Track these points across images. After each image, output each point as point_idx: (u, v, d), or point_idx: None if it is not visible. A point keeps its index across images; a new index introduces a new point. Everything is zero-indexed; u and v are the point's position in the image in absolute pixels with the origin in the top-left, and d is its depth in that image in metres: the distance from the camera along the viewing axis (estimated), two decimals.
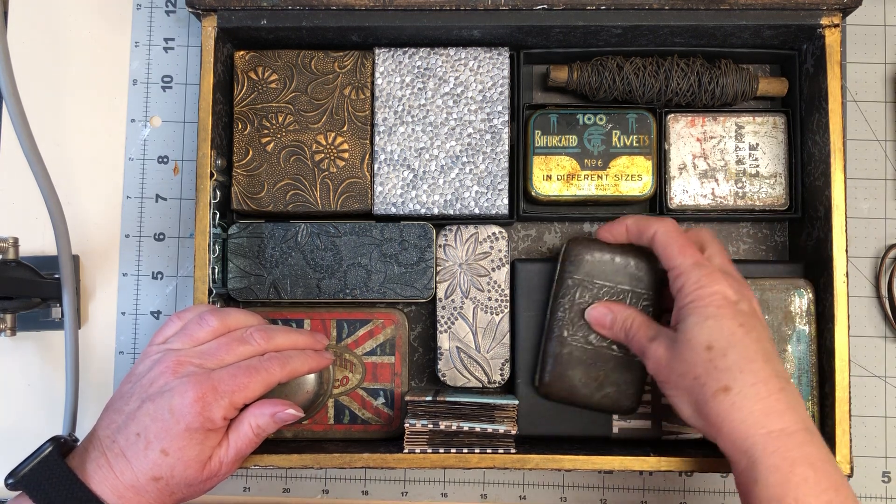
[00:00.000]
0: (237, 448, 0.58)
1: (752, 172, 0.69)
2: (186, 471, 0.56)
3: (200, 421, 0.55)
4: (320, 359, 0.62)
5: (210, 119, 0.64)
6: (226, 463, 0.58)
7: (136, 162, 0.74)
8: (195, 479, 0.57)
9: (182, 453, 0.55)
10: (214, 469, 0.57)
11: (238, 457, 0.58)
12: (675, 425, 0.67)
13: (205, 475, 0.57)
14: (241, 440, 0.58)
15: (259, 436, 0.58)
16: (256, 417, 0.58)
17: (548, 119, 0.68)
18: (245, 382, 0.57)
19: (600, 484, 0.71)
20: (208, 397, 0.55)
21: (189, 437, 0.55)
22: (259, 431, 0.58)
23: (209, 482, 0.58)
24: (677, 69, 0.68)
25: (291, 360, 0.60)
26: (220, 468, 0.57)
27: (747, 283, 0.59)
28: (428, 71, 0.68)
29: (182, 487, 0.57)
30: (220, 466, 0.57)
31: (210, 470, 0.57)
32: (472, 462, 0.62)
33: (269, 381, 0.58)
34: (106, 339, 0.73)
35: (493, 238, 0.68)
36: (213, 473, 0.57)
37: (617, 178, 0.68)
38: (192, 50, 0.74)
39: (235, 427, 0.58)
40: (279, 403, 0.59)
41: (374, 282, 0.67)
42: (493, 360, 0.68)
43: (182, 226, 0.73)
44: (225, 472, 0.58)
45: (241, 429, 0.58)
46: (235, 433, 0.58)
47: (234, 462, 0.58)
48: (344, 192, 0.67)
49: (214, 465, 0.57)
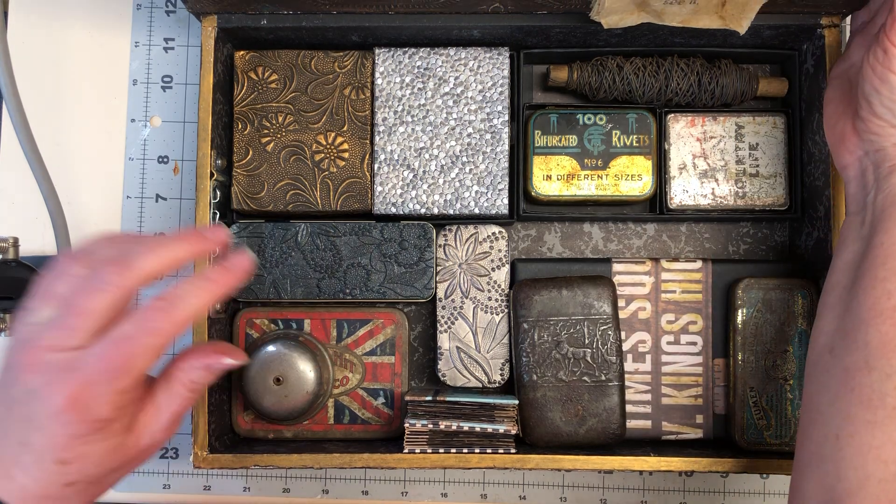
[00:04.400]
0: (171, 412, 0.49)
1: (752, 172, 0.69)
2: (102, 465, 0.46)
3: (85, 426, 0.45)
4: (221, 277, 0.49)
5: (210, 119, 0.64)
6: (160, 430, 0.49)
7: (136, 162, 0.74)
8: (121, 464, 0.48)
9: (85, 458, 0.46)
10: (146, 443, 0.48)
11: (175, 419, 0.49)
12: (675, 425, 0.67)
13: (133, 453, 0.48)
14: (174, 401, 0.49)
15: (196, 391, 0.50)
16: (187, 373, 0.49)
17: (548, 119, 0.68)
18: (124, 361, 0.44)
19: (600, 484, 0.71)
20: (83, 397, 0.44)
21: (83, 441, 0.45)
22: (194, 387, 0.49)
23: (144, 455, 0.49)
24: (677, 69, 0.68)
25: (180, 303, 0.47)
26: (154, 438, 0.48)
27: None
28: (428, 71, 0.68)
29: (109, 475, 0.48)
30: (154, 437, 0.48)
31: (139, 446, 0.48)
32: (472, 462, 0.62)
33: (159, 343, 0.45)
34: None
35: (493, 238, 0.68)
36: (146, 447, 0.48)
37: (617, 177, 0.68)
38: (192, 50, 0.74)
39: (165, 387, 0.49)
40: (213, 352, 0.50)
41: (374, 282, 0.67)
42: (493, 360, 0.68)
43: (182, 226, 0.73)
44: (162, 439, 0.49)
45: (173, 389, 0.49)
46: (166, 394, 0.48)
47: (170, 427, 0.49)
48: (344, 192, 0.67)
49: (145, 440, 0.48)
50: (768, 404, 0.65)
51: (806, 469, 0.52)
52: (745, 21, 0.59)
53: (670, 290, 0.68)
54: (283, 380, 0.64)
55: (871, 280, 0.52)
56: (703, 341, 0.68)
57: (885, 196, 0.54)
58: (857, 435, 0.50)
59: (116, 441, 0.46)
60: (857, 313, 0.52)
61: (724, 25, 0.60)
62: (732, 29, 0.60)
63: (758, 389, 0.65)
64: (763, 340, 0.65)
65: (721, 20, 0.60)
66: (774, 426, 0.65)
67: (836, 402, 0.51)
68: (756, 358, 0.65)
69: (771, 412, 0.65)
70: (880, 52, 0.53)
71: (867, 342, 0.51)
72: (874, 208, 0.55)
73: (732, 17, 0.59)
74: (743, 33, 0.59)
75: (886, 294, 0.51)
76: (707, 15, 0.59)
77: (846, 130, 0.57)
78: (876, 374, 0.50)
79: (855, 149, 0.57)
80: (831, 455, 0.50)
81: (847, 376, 0.51)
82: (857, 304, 0.52)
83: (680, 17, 0.59)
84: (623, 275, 0.68)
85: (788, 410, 0.65)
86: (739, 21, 0.59)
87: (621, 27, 0.60)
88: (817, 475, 0.51)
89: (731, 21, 0.59)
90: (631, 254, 0.72)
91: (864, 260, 0.53)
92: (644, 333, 0.68)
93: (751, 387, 0.65)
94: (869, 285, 0.52)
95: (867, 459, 0.49)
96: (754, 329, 0.66)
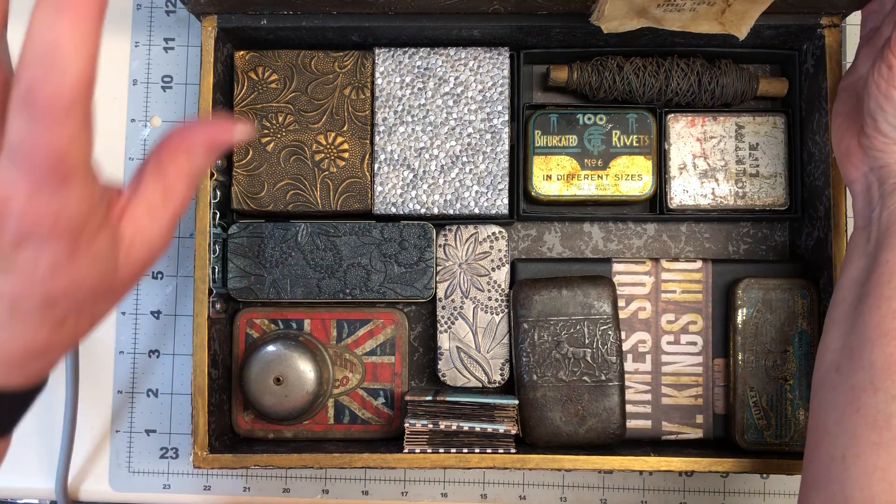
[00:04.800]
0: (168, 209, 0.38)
1: (752, 172, 0.69)
2: (95, 292, 0.37)
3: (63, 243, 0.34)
4: None
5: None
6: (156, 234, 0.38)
7: (136, 162, 0.74)
8: (117, 285, 0.38)
9: (76, 289, 0.36)
10: (140, 253, 0.38)
11: (172, 219, 0.38)
12: (675, 425, 0.67)
13: (127, 271, 0.38)
14: (171, 197, 0.38)
15: (196, 180, 0.39)
16: (185, 158, 0.38)
17: (548, 119, 0.68)
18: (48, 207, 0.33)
19: (600, 484, 0.71)
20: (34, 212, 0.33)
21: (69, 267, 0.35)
22: (193, 176, 0.38)
23: (140, 269, 0.39)
24: (677, 69, 0.68)
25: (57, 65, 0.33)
26: (151, 245, 0.38)
27: None
28: (428, 71, 0.68)
29: (102, 303, 0.38)
30: (150, 243, 0.38)
31: (133, 258, 0.38)
32: (472, 462, 0.62)
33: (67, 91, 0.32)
34: (106, 339, 0.73)
35: (493, 238, 0.68)
36: (141, 258, 0.38)
37: (617, 177, 0.68)
38: (192, 50, 0.74)
39: (155, 179, 0.38)
40: (214, 127, 0.38)
41: (374, 282, 0.67)
42: (493, 360, 0.68)
43: (182, 225, 0.73)
44: (159, 245, 0.39)
45: (167, 181, 0.38)
46: (159, 189, 0.38)
47: (168, 229, 0.39)
48: (344, 191, 0.67)
49: (139, 249, 0.38)
50: (768, 404, 0.65)
51: (813, 489, 0.52)
52: (745, 27, 0.59)
53: (670, 290, 0.68)
54: (283, 380, 0.64)
55: (876, 299, 0.52)
56: (703, 341, 0.68)
57: (889, 213, 0.54)
58: (862, 456, 0.49)
59: (106, 259, 0.36)
60: (862, 332, 0.52)
61: (723, 31, 0.60)
62: (732, 34, 0.60)
63: (758, 389, 0.65)
64: (763, 340, 0.65)
65: (721, 26, 0.60)
66: (774, 426, 0.65)
67: (842, 422, 0.51)
68: (756, 358, 0.65)
69: (771, 412, 0.65)
70: (885, 69, 0.52)
71: (872, 362, 0.50)
72: (879, 225, 0.54)
73: (732, 23, 0.59)
74: (742, 39, 0.59)
75: (892, 313, 0.51)
76: (707, 21, 0.59)
77: (852, 146, 0.56)
78: (881, 394, 0.50)
79: (860, 164, 0.56)
80: (838, 475, 0.50)
81: (853, 396, 0.51)
82: (863, 322, 0.52)
83: (680, 22, 0.59)
84: (623, 275, 0.68)
85: (788, 410, 0.65)
86: (739, 27, 0.59)
87: (621, 32, 0.60)
88: (824, 496, 0.51)
89: (731, 27, 0.59)
90: (631, 254, 0.72)
91: (869, 277, 0.53)
92: (644, 333, 0.68)
93: (751, 387, 0.65)
94: (874, 304, 0.52)
95: (872, 480, 0.49)
96: (754, 329, 0.66)
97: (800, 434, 0.65)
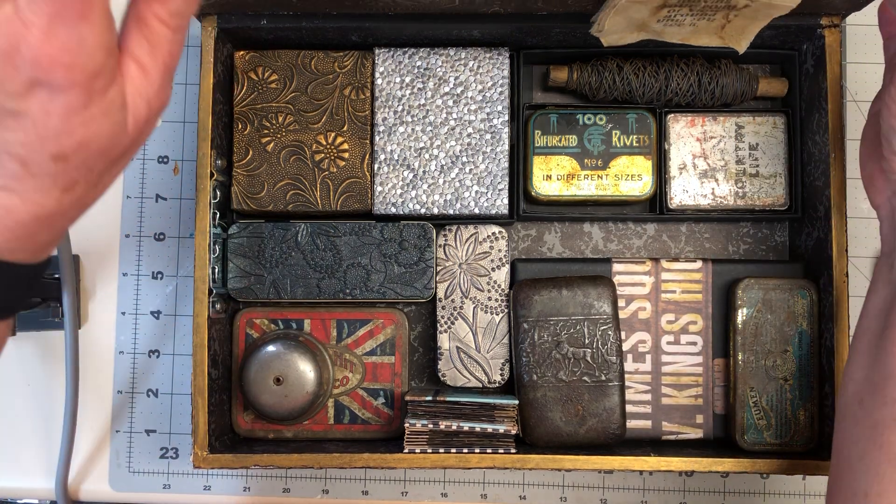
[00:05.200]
0: (159, 64, 0.37)
1: (752, 172, 0.69)
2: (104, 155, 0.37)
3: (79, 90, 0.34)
4: None
5: (210, 119, 0.64)
6: (154, 92, 0.38)
7: (136, 162, 0.74)
8: (123, 150, 0.38)
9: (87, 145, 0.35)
10: (143, 113, 0.37)
11: (167, 73, 0.38)
12: (675, 425, 0.67)
13: (133, 132, 0.38)
14: (160, 51, 0.37)
15: (182, 28, 0.38)
16: (164, 5, 0.37)
17: (548, 119, 0.68)
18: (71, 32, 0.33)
19: (600, 484, 0.71)
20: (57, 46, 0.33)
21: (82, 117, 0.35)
22: (179, 22, 0.37)
23: (144, 131, 0.39)
24: (677, 69, 0.68)
25: None
26: (151, 104, 0.38)
27: None
28: (428, 71, 0.68)
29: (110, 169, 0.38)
30: (149, 103, 0.37)
31: (138, 119, 0.37)
32: (472, 462, 0.62)
33: None
34: (106, 339, 0.73)
35: (493, 238, 0.68)
36: (144, 118, 0.38)
37: (617, 177, 0.68)
38: (192, 50, 0.74)
39: (139, 36, 0.37)
40: None
41: (374, 282, 0.67)
42: (493, 360, 0.68)
43: (182, 226, 0.73)
44: (159, 104, 0.38)
45: (153, 35, 0.37)
46: (146, 45, 0.37)
47: (164, 84, 0.38)
48: (344, 192, 0.67)
49: (141, 109, 0.37)
50: (768, 404, 0.65)
51: None
52: (745, 42, 0.59)
53: (670, 290, 0.68)
54: (283, 380, 0.64)
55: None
56: (703, 341, 0.68)
57: None
58: (885, 494, 0.49)
59: (117, 114, 0.36)
60: (885, 364, 0.51)
61: (723, 45, 0.60)
62: (732, 48, 0.60)
63: (758, 389, 0.65)
64: (763, 340, 0.65)
65: (720, 40, 0.60)
66: (774, 426, 0.65)
67: (864, 458, 0.51)
68: (756, 358, 0.65)
69: (771, 412, 0.65)
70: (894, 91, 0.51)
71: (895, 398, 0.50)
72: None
73: (732, 37, 0.59)
74: (742, 52, 0.60)
75: None
76: (707, 35, 0.59)
77: (875, 170, 0.56)
78: None
79: (884, 189, 0.55)
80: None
81: (875, 432, 0.50)
82: (886, 354, 0.51)
83: (680, 36, 0.60)
84: (623, 275, 0.68)
85: (788, 410, 0.65)
86: (739, 41, 0.59)
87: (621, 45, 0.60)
88: None
89: (731, 41, 0.59)
90: (631, 254, 0.72)
91: (892, 308, 0.52)
92: (644, 333, 0.68)
93: (751, 387, 0.65)
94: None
95: None
96: (754, 329, 0.66)
97: (800, 434, 0.65)
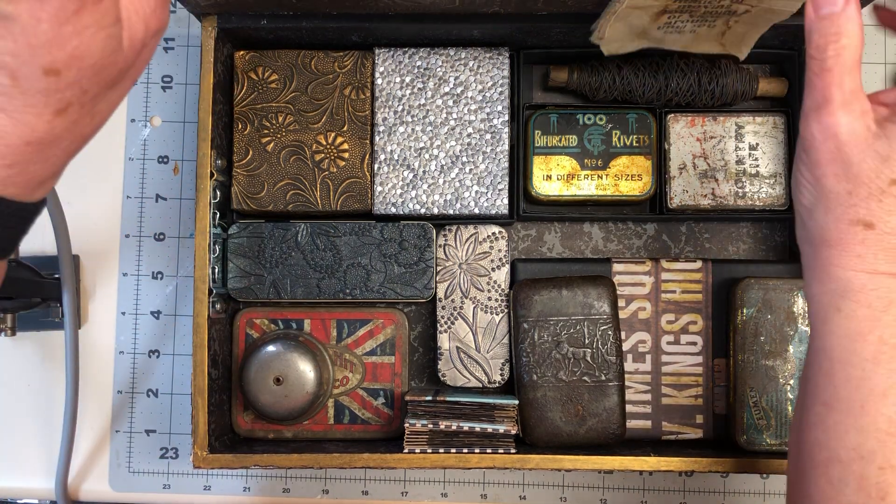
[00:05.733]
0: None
1: (752, 172, 0.69)
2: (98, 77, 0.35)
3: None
4: None
5: (210, 119, 0.64)
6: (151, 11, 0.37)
7: (136, 162, 0.74)
8: (118, 73, 0.37)
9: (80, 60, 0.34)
10: (139, 35, 0.37)
11: None
12: (675, 425, 0.67)
13: (130, 55, 0.37)
14: None
15: None
16: None
17: (548, 119, 0.68)
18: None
19: (600, 484, 0.71)
20: None
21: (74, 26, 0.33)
22: None
23: (142, 56, 0.38)
24: (677, 69, 0.68)
25: None
26: (148, 24, 0.37)
27: None
28: (428, 71, 0.68)
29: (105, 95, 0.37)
30: (146, 22, 0.37)
31: (134, 41, 0.37)
32: (472, 462, 0.62)
33: None
34: (106, 339, 0.73)
35: (492, 238, 0.68)
36: (140, 40, 0.37)
37: (617, 177, 0.68)
38: (192, 50, 0.74)
39: None
40: None
41: (373, 282, 0.67)
42: (493, 360, 0.68)
43: (182, 226, 0.73)
44: (157, 24, 0.38)
45: None
46: None
47: (162, 3, 0.38)
48: (344, 192, 0.67)
49: (138, 30, 0.37)
50: (768, 404, 0.65)
51: None
52: (746, 48, 0.59)
53: (670, 290, 0.68)
54: (283, 380, 0.65)
55: None
56: (703, 341, 0.68)
57: None
58: None
59: (110, 28, 0.35)
60: None
61: (724, 52, 0.60)
62: (733, 54, 0.60)
63: (758, 389, 0.65)
64: (763, 340, 0.65)
65: (721, 47, 0.60)
66: (774, 426, 0.65)
67: None
68: (756, 358, 0.65)
69: (771, 412, 0.65)
70: None
71: None
72: None
73: (733, 44, 0.59)
74: (742, 59, 0.60)
75: None
76: (707, 42, 0.59)
77: None
78: None
79: None
80: None
81: None
82: None
83: (680, 43, 0.60)
84: (623, 275, 0.68)
85: (788, 410, 0.65)
86: (739, 48, 0.59)
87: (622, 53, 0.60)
88: None
89: (732, 48, 0.60)
90: (631, 254, 0.72)
91: None
92: (644, 333, 0.68)
93: (751, 387, 0.65)
94: None
95: None
96: (754, 329, 0.66)
97: None
